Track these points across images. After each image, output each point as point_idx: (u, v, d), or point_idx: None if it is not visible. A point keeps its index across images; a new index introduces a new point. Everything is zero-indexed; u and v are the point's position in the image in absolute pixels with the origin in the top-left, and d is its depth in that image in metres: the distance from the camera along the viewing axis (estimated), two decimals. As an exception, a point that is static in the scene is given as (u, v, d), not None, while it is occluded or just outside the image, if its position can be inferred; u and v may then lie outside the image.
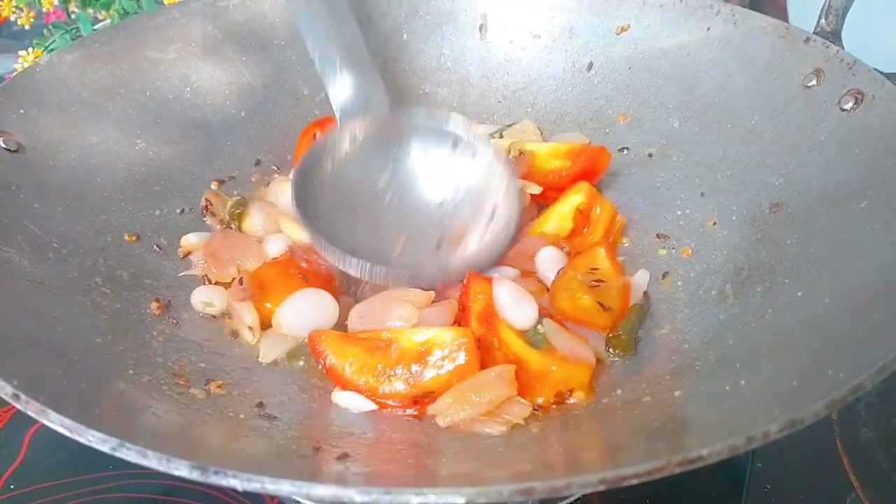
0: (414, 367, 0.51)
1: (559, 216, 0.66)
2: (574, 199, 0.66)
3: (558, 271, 0.61)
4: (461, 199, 0.64)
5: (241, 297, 0.58)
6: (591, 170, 0.68)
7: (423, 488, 0.31)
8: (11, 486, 0.61)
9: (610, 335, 0.57)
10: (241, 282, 0.58)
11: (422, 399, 0.50)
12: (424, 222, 0.63)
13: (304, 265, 0.60)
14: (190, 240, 0.64)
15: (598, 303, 0.58)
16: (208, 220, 0.67)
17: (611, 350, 0.56)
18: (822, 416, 0.35)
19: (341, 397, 0.52)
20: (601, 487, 0.32)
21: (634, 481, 0.32)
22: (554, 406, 0.51)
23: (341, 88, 0.66)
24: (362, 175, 0.64)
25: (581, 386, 0.52)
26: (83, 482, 0.62)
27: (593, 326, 0.58)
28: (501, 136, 0.76)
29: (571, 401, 0.51)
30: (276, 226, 0.66)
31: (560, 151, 0.69)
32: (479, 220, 0.62)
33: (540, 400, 0.51)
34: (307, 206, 0.60)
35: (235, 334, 0.58)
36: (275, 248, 0.64)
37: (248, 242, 0.65)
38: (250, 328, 0.57)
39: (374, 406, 0.51)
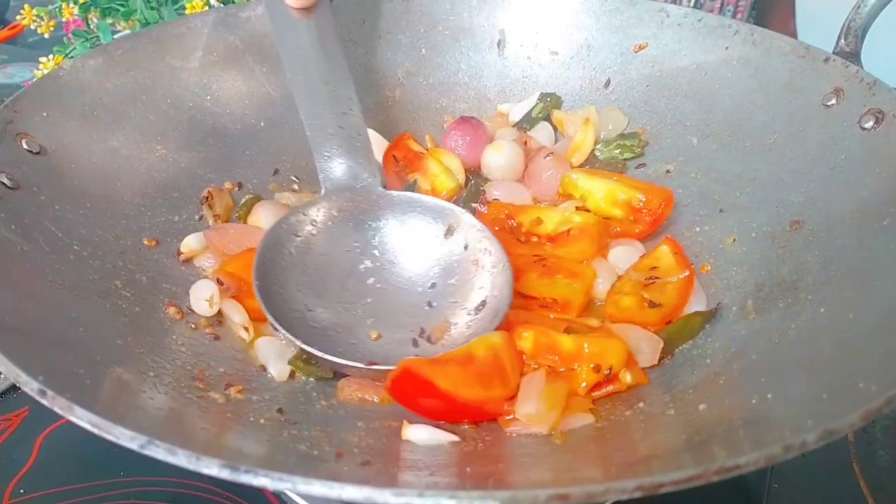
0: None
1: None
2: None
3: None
4: (449, 288, 0.60)
5: (228, 295, 0.58)
6: (653, 227, 0.67)
7: (458, 491, 0.31)
8: (21, 491, 0.61)
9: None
10: (219, 281, 0.58)
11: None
12: (405, 310, 0.59)
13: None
14: (191, 243, 0.64)
15: (647, 300, 0.58)
16: (204, 212, 0.67)
17: None
18: (858, 426, 0.35)
19: (415, 433, 0.48)
20: (637, 494, 0.31)
21: (671, 488, 0.31)
22: (603, 388, 0.52)
23: (330, 161, 0.63)
24: (340, 254, 0.60)
25: (620, 362, 0.52)
26: (92, 488, 0.62)
27: (644, 325, 0.58)
28: (545, 115, 0.77)
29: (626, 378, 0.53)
30: None
31: (619, 199, 0.67)
32: (464, 313, 0.58)
33: (584, 384, 0.51)
34: (272, 283, 0.56)
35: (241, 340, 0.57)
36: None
37: (251, 232, 0.64)
38: (245, 328, 0.57)
39: (454, 437, 0.48)
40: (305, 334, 0.54)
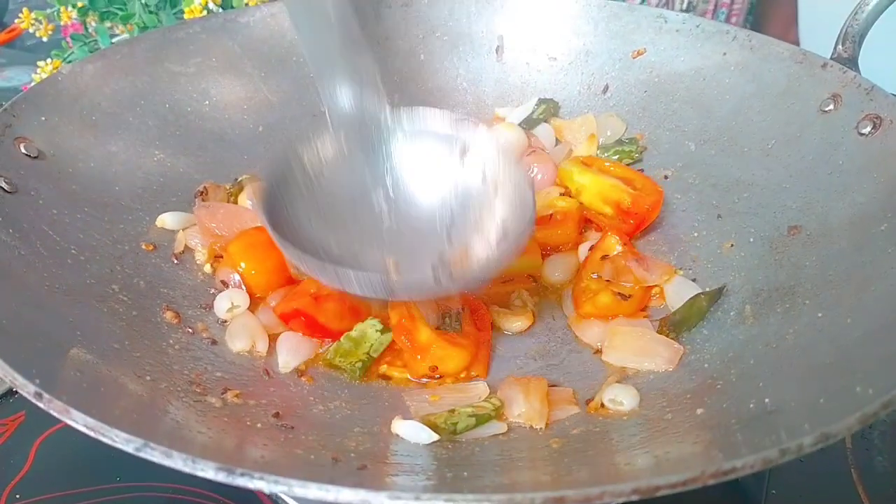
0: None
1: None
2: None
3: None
4: (467, 219, 0.57)
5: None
6: (638, 228, 0.68)
7: (454, 494, 0.31)
8: (17, 496, 0.61)
9: (661, 326, 0.59)
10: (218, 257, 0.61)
11: None
12: (423, 243, 0.57)
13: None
14: (165, 219, 0.64)
15: (617, 293, 0.60)
16: (195, 206, 0.66)
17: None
18: (855, 430, 0.35)
19: (404, 429, 0.50)
20: (634, 497, 0.31)
21: (668, 491, 0.31)
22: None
23: (336, 92, 0.59)
24: (352, 184, 0.58)
25: (456, 369, 0.56)
26: (89, 493, 0.62)
27: (627, 316, 0.60)
28: (544, 118, 0.78)
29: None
30: None
31: (609, 197, 0.68)
32: (484, 244, 0.55)
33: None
34: (280, 214, 0.53)
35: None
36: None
37: (241, 213, 0.65)
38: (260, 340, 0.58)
39: (435, 437, 0.49)
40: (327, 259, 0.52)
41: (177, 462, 0.34)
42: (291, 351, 0.56)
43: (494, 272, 0.56)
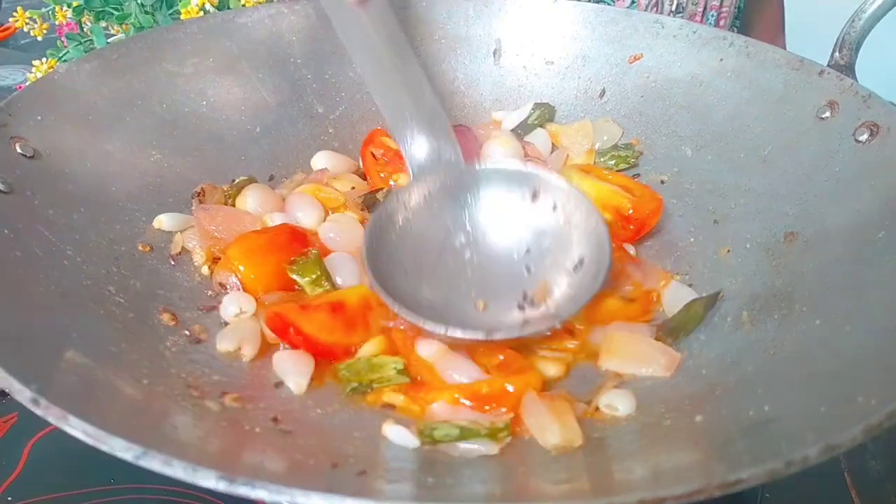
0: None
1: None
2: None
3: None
4: (544, 251, 0.61)
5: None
6: (638, 234, 0.68)
7: (460, 503, 0.31)
8: (9, 498, 0.60)
9: (658, 332, 0.58)
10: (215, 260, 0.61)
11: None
12: (506, 278, 0.60)
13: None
14: (162, 220, 0.64)
15: (622, 297, 0.60)
16: (194, 207, 0.66)
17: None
18: (859, 441, 0.35)
19: (393, 432, 0.49)
20: (638, 507, 0.31)
21: (673, 503, 0.31)
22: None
23: (414, 145, 0.64)
24: (437, 232, 0.62)
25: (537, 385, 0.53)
26: (82, 496, 0.61)
27: (632, 321, 0.59)
28: (539, 123, 0.78)
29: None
30: (270, 207, 0.67)
31: (609, 203, 0.67)
32: (564, 272, 0.59)
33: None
34: (379, 266, 0.57)
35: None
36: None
37: (240, 216, 0.65)
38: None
39: (417, 443, 0.48)
40: (422, 314, 0.55)
41: (177, 471, 0.33)
42: (296, 371, 0.54)
43: (579, 304, 0.56)
